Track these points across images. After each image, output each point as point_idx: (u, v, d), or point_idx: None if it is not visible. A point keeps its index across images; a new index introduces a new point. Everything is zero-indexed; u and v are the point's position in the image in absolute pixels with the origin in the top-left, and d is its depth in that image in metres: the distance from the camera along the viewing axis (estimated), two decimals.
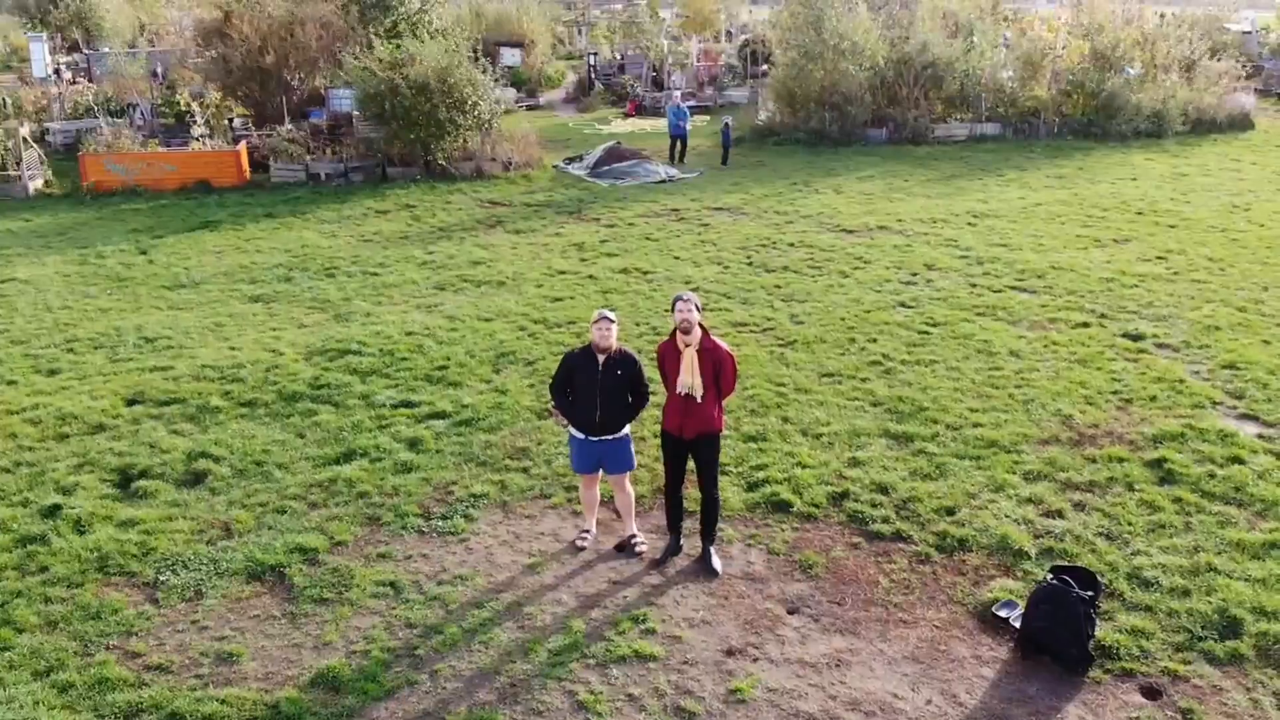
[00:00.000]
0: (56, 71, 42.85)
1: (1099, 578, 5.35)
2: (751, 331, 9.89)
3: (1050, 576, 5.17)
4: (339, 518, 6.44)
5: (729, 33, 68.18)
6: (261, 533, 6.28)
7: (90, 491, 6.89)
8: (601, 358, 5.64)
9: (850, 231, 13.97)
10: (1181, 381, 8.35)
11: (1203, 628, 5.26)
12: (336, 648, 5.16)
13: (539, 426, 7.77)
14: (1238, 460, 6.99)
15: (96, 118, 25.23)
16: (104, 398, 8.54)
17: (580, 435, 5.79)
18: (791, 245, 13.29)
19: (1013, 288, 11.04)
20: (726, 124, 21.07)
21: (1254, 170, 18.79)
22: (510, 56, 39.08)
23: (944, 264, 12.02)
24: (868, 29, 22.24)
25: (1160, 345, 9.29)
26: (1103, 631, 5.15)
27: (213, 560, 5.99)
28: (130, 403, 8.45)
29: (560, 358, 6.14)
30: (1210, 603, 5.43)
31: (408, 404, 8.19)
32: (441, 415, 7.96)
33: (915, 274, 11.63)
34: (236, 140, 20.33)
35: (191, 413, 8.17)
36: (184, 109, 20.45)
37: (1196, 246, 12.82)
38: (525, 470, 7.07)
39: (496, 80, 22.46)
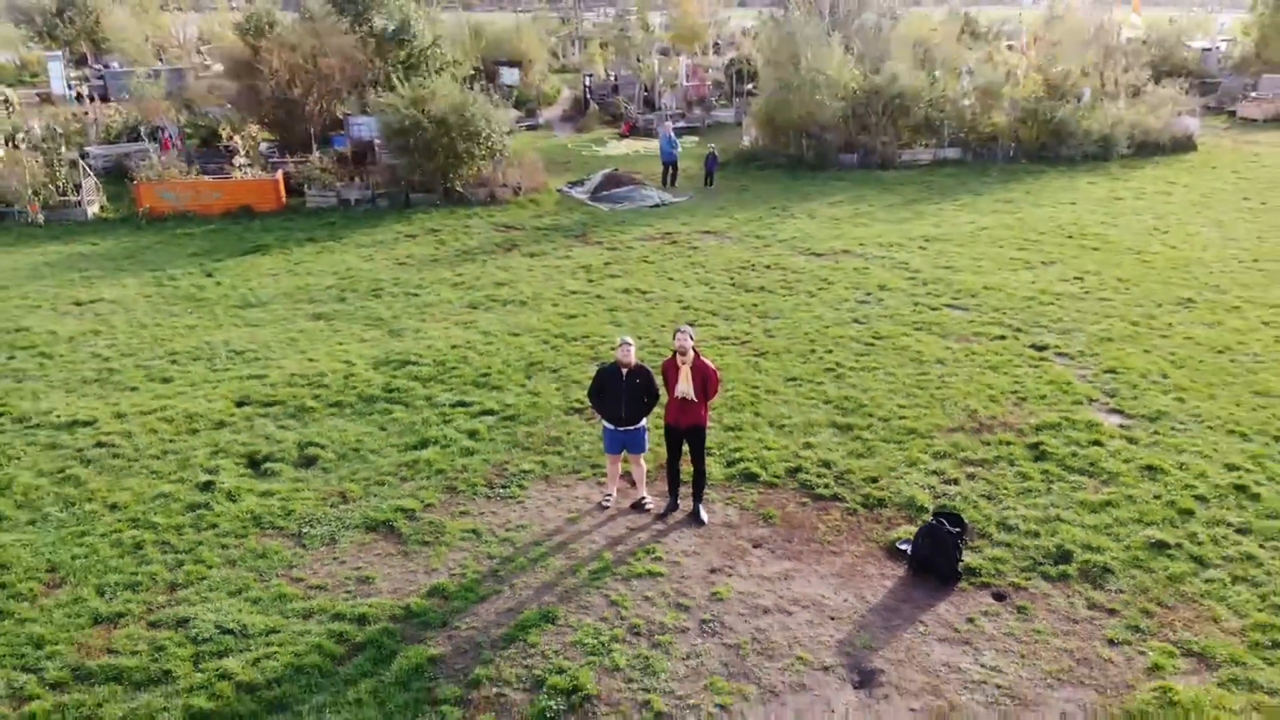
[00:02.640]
0: (79, 96, 44.89)
1: (965, 520, 7.62)
2: (732, 344, 12.14)
3: (932, 519, 7.44)
4: (425, 488, 8.67)
5: (716, 44, 70.44)
6: (369, 499, 8.51)
7: (229, 471, 9.09)
8: (624, 371, 7.87)
9: (818, 255, 16.25)
10: (1069, 383, 10.65)
11: (1043, 557, 7.53)
12: (440, 572, 7.39)
13: (566, 421, 10.00)
14: (1097, 443, 9.28)
15: (138, 141, 27.38)
16: (216, 400, 10.73)
17: (611, 426, 8.03)
18: (768, 267, 15.56)
19: (949, 306, 13.34)
20: (712, 153, 23.38)
21: (1183, 193, 21.15)
22: (509, 75, 41.30)
23: (894, 285, 14.31)
24: (841, 62, 24.56)
25: (1060, 354, 11.59)
26: (971, 558, 7.42)
27: (338, 518, 8.21)
28: (239, 404, 10.65)
29: (592, 370, 8.37)
30: (1052, 541, 7.70)
31: (462, 404, 10.41)
32: (490, 412, 10.19)
33: (869, 294, 13.91)
34: (269, 167, 22.52)
35: (291, 412, 10.38)
36: (226, 141, 22.42)
37: (1111, 268, 15.14)
38: (559, 453, 9.31)
39: (497, 104, 24.73)
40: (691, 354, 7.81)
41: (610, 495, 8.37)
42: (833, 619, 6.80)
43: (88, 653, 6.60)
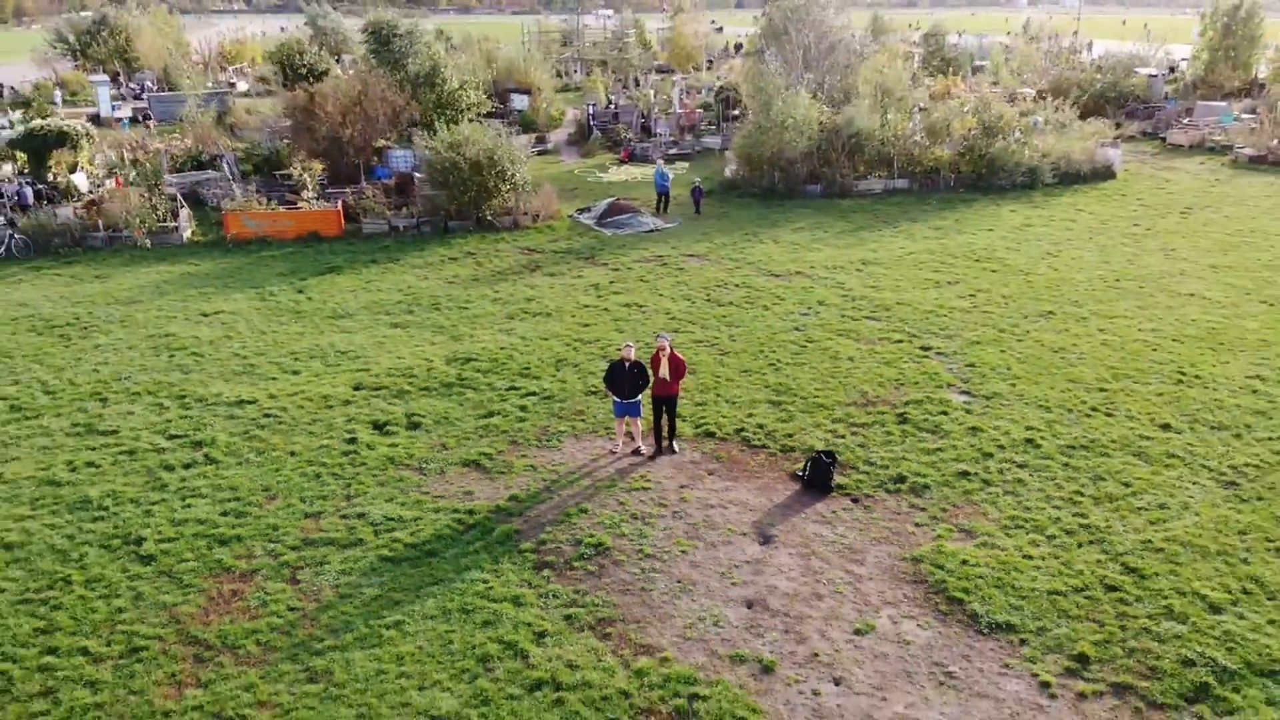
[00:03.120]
0: (134, 119, 49.20)
1: (838, 456, 12.10)
2: (705, 346, 16.61)
3: (815, 454, 11.92)
4: (495, 441, 13.15)
5: (709, 61, 74.90)
6: (460, 448, 12.98)
7: (362, 432, 13.56)
8: (627, 364, 12.33)
9: (776, 276, 20.75)
10: (937, 374, 15.14)
11: (888, 480, 11.99)
12: (514, 488, 11.87)
13: (587, 400, 14.46)
14: (944, 413, 13.76)
15: (201, 169, 31.78)
16: (339, 386, 15.20)
17: (619, 400, 12.48)
18: (736, 286, 20.05)
19: (867, 317, 17.84)
20: (697, 185, 27.90)
21: (1086, 219, 25.67)
22: (520, 101, 45.85)
23: (830, 301, 18.82)
24: (807, 106, 29.04)
25: (938, 354, 16.08)
26: (841, 479, 11.89)
27: (443, 458, 12.69)
28: (356, 388, 15.12)
29: (604, 365, 12.81)
30: (895, 471, 12.17)
31: (513, 388, 14.89)
32: (533, 394, 14.67)
33: (809, 308, 18.41)
34: (326, 197, 26.95)
35: (394, 393, 14.86)
36: (287, 170, 26.71)
37: (1000, 286, 19.65)
38: (583, 420, 13.77)
39: (511, 131, 29.25)
40: (668, 350, 12.28)
41: (617, 445, 12.84)
42: (751, 511, 11.29)
43: (306, 532, 11.07)
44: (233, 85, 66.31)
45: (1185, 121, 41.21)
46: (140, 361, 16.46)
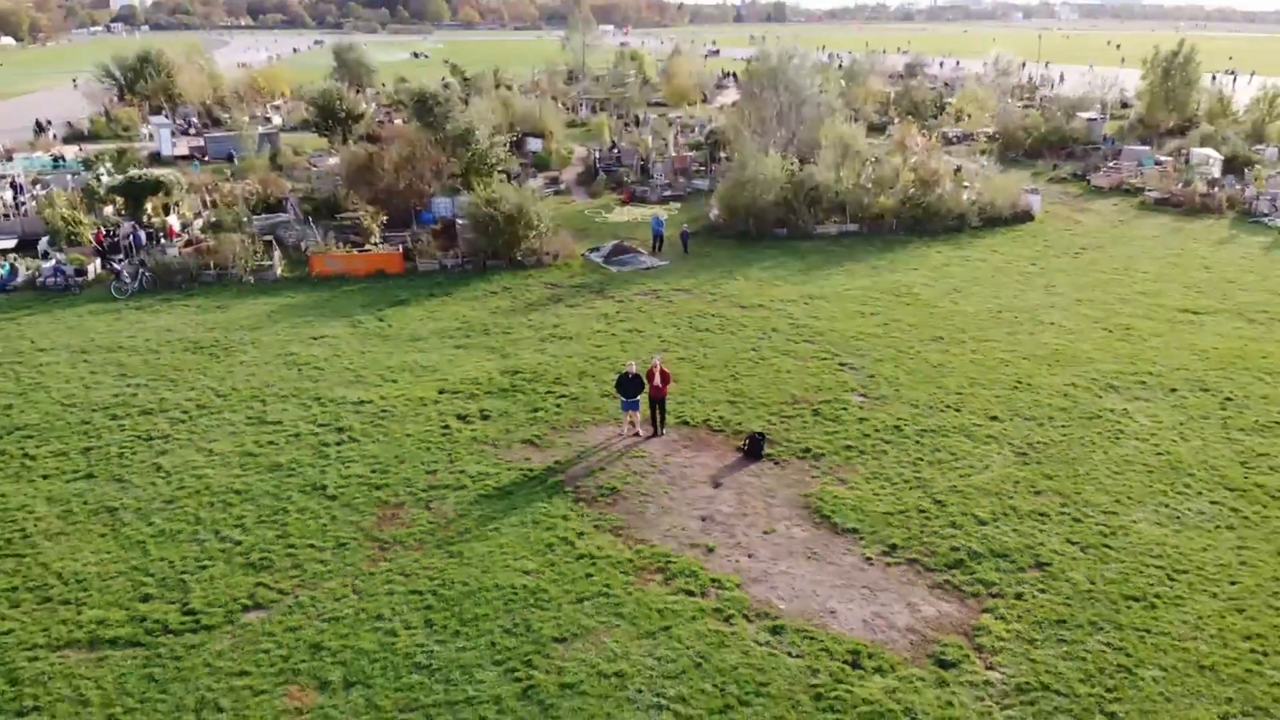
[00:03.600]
0: (190, 157, 55.63)
1: (767, 435, 18.53)
2: (686, 363, 23.03)
3: (753, 434, 18.36)
4: (540, 428, 19.56)
5: (705, 96, 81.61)
6: (519, 431, 19.39)
7: (451, 421, 19.97)
8: (630, 375, 18.75)
9: (744, 308, 27.21)
10: (846, 382, 21.58)
11: (800, 451, 18.40)
12: (556, 456, 18.28)
13: (602, 400, 20.87)
14: (844, 409, 20.18)
15: (272, 212, 38.09)
16: (428, 391, 21.62)
17: (625, 400, 18.91)
18: (712, 316, 26.52)
19: (805, 341, 24.29)
20: (685, 230, 34.39)
21: (996, 259, 32.14)
22: (534, 144, 52.47)
23: (780, 328, 25.28)
24: (776, 164, 35.53)
25: (850, 368, 22.52)
26: (770, 451, 18.31)
27: (509, 438, 19.10)
28: (440, 392, 21.54)
29: (614, 376, 19.28)
30: (805, 446, 18.58)
31: (550, 392, 21.33)
32: (565, 396, 21.10)
33: (764, 334, 24.87)
34: (386, 240, 33.35)
35: (467, 396, 21.28)
36: (366, 225, 33.08)
37: (909, 317, 26.10)
38: (600, 414, 20.21)
39: (526, 166, 35.72)
40: (660, 366, 18.73)
41: (624, 430, 19.26)
42: (709, 469, 17.73)
43: (429, 482, 17.49)
44: (268, 120, 72.86)
45: (1110, 165, 47.69)
46: (277, 373, 22.92)
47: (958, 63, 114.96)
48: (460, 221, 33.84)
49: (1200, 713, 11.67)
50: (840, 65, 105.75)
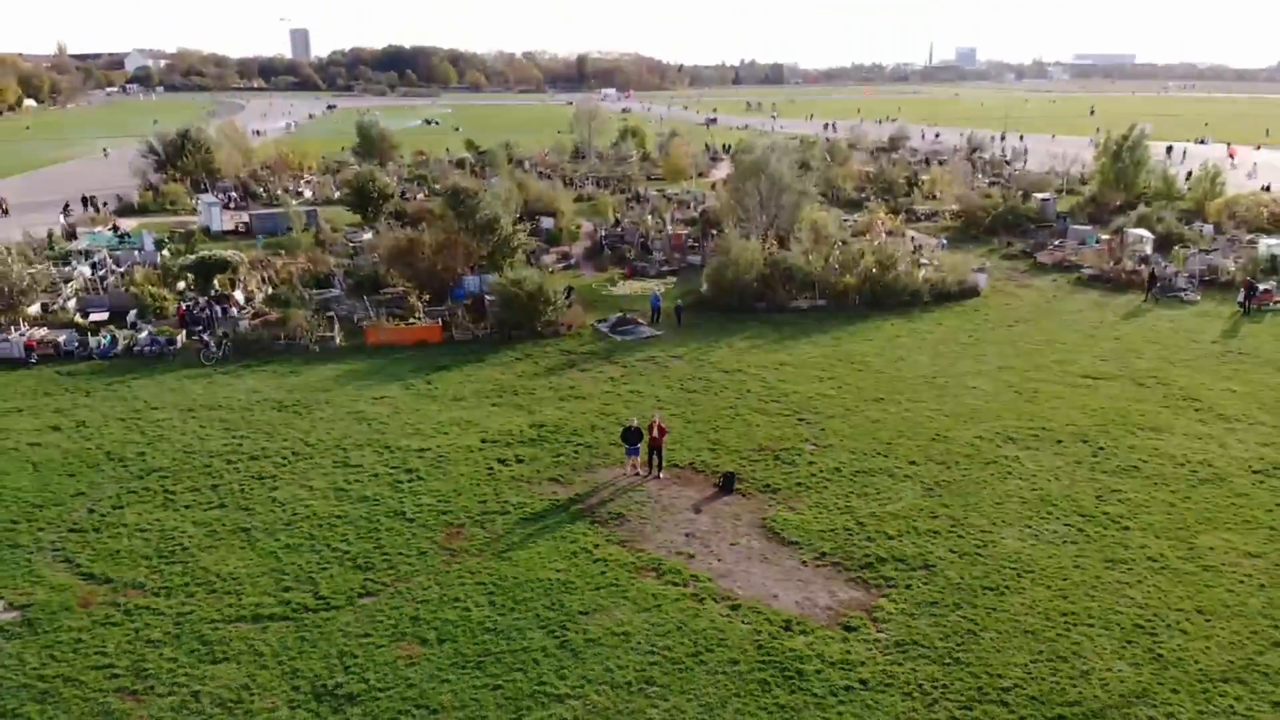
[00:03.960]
0: (238, 232, 61.86)
1: (737, 475, 24.33)
2: (676, 418, 28.88)
3: (726, 473, 24.16)
4: (564, 469, 25.35)
5: (700, 171, 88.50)
6: (548, 471, 25.18)
7: (494, 462, 25.76)
8: (632, 428, 24.57)
9: (725, 372, 33.15)
10: (802, 434, 27.42)
11: (761, 487, 24.16)
12: (576, 490, 24.07)
13: (611, 447, 26.68)
14: (799, 455, 25.97)
15: (324, 287, 44.12)
16: (472, 440, 27.43)
17: (628, 446, 24.73)
18: (700, 379, 32.43)
19: (773, 401, 30.18)
20: (679, 304, 40.47)
21: (940, 331, 38.14)
22: (546, 222, 58.77)
23: (754, 389, 31.19)
24: (755, 249, 41.72)
25: (807, 423, 28.37)
26: (739, 487, 24.08)
27: (539, 476, 24.88)
28: (482, 442, 27.37)
29: (619, 428, 25.15)
30: (766, 483, 24.35)
31: (569, 441, 27.16)
32: (581, 444, 26.94)
33: (741, 395, 30.77)
34: (428, 314, 39.36)
35: (504, 445, 27.08)
36: (412, 303, 39.14)
37: (859, 381, 32.01)
38: (609, 458, 26.02)
39: (539, 242, 41.84)
40: (657, 420, 24.61)
41: (627, 471, 25.06)
42: (692, 500, 23.50)
43: (481, 509, 23.21)
44: (299, 194, 79.50)
45: (1055, 243, 53.90)
46: (351, 427, 28.78)
47: (937, 135, 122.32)
48: (489, 297, 39.89)
49: (1018, 658, 17.34)
50: (827, 139, 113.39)
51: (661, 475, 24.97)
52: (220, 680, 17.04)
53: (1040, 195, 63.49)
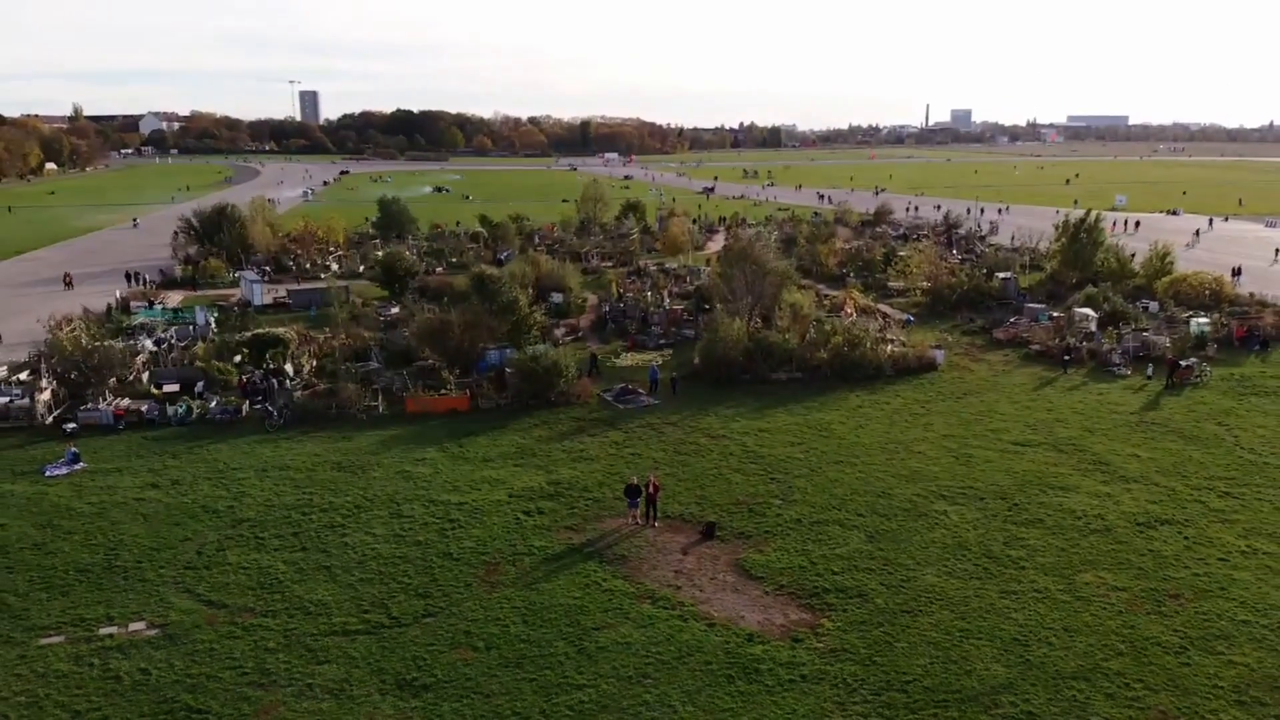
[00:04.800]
0: (278, 305, 68.00)
1: (717, 524, 30.30)
2: (670, 477, 34.87)
3: (708, 522, 30.14)
4: (578, 519, 31.33)
5: (697, 245, 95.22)
6: (563, 522, 31.16)
7: (520, 513, 31.73)
8: (633, 484, 30.63)
9: (712, 437, 39.25)
10: (773, 490, 33.42)
11: (736, 534, 30.12)
12: (589, 535, 30.01)
13: (616, 501, 32.65)
14: (769, 507, 31.94)
15: (372, 362, 50.24)
16: (501, 496, 33.43)
17: (629, 500, 30.75)
18: (691, 443, 38.51)
19: (750, 463, 36.23)
20: (675, 376, 46.70)
21: (897, 403, 44.28)
22: (556, 297, 65.22)
23: (735, 452, 37.26)
24: (740, 328, 48.07)
25: (778, 482, 34.36)
26: (719, 534, 30.03)
27: (556, 524, 30.85)
28: (509, 496, 33.35)
29: (622, 485, 31.21)
30: (741, 530, 30.30)
31: (581, 496, 33.16)
32: (591, 499, 32.93)
33: (724, 458, 36.81)
34: (458, 386, 45.51)
35: (527, 499, 33.05)
36: (446, 378, 45.35)
37: (823, 446, 38.08)
38: (615, 509, 32.00)
39: (549, 317, 48.21)
40: (652, 479, 30.67)
41: (628, 521, 31.03)
42: (680, 544, 29.44)
43: (512, 551, 29.15)
44: (328, 268, 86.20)
45: (1011, 320, 60.19)
46: (400, 485, 34.77)
47: (917, 209, 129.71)
48: (509, 370, 46.10)
49: (920, 661, 23.18)
50: (816, 213, 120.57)
51: (656, 524, 30.92)
52: (325, 676, 22.91)
53: (1001, 274, 69.95)
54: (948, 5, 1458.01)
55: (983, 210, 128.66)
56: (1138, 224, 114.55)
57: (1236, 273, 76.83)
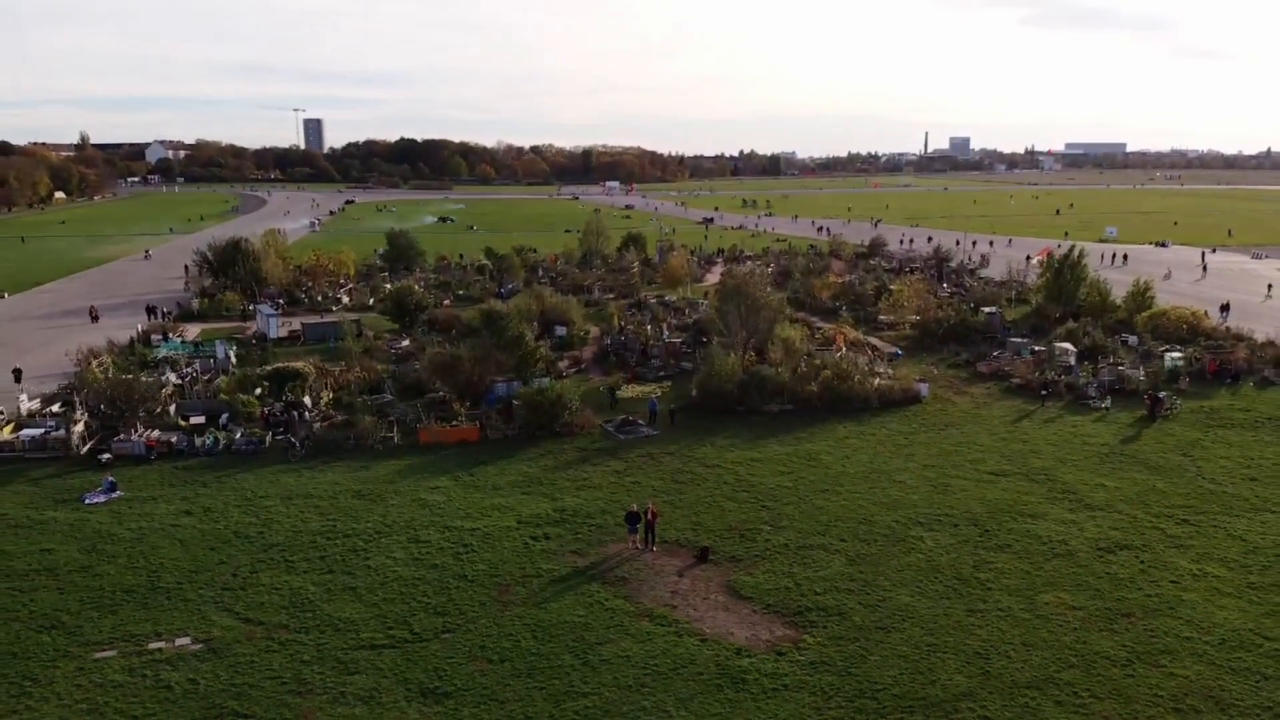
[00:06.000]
0: (292, 338, 70.76)
1: (711, 548, 32.93)
2: (668, 504, 37.52)
3: (702, 547, 32.78)
4: (582, 544, 34.00)
5: (696, 278, 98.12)
6: (571, 544, 33.81)
7: (528, 538, 34.38)
8: (633, 511, 33.30)
9: (707, 467, 41.94)
10: (763, 517, 36.07)
11: (728, 557, 32.75)
12: (592, 559, 32.65)
13: (616, 527, 35.28)
14: (759, 533, 34.60)
15: (385, 394, 52.99)
16: (510, 522, 36.05)
17: (629, 526, 33.41)
18: (688, 471, 41.19)
19: (742, 491, 38.90)
20: (673, 407, 49.42)
21: (882, 434, 46.98)
22: (560, 330, 68.01)
23: (728, 481, 39.94)
24: (735, 363, 50.85)
25: (768, 509, 37.02)
26: (712, 558, 32.67)
27: (563, 549, 33.50)
28: (518, 523, 36.00)
29: (623, 512, 33.90)
30: (732, 554, 32.94)
31: (584, 522, 35.80)
32: (594, 525, 35.59)
33: (718, 486, 39.47)
34: (468, 417, 48.23)
35: (534, 525, 35.71)
36: (458, 410, 48.13)
37: (810, 475, 40.75)
38: (616, 534, 34.63)
39: (553, 350, 51.03)
40: (651, 506, 33.35)
41: (630, 546, 33.67)
42: (675, 567, 32.08)
43: (522, 573, 31.78)
44: (339, 300, 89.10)
45: (994, 354, 62.90)
46: (417, 511, 37.42)
47: (911, 242, 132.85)
48: (516, 402, 48.82)
49: (890, 672, 25.77)
50: (812, 246, 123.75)
51: (654, 549, 33.55)
52: (357, 685, 25.52)
53: (987, 309, 72.78)
54: (947, 32, 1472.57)
55: (974, 242, 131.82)
56: (1125, 257, 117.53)
57: (1225, 308, 78.21)
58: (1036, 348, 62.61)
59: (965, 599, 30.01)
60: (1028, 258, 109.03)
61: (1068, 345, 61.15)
